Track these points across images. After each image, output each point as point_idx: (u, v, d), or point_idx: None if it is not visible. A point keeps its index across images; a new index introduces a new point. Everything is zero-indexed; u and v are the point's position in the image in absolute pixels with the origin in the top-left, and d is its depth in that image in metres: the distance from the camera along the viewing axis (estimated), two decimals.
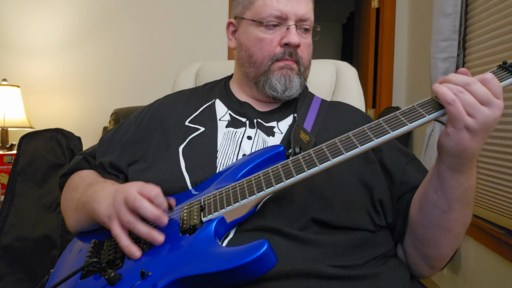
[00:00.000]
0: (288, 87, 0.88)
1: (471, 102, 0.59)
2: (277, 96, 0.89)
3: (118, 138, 0.93)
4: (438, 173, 0.68)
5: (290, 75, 0.87)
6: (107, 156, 0.90)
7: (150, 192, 0.66)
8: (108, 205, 0.69)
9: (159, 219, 0.65)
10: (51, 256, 1.59)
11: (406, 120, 0.62)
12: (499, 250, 1.52)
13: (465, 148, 0.61)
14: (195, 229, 0.65)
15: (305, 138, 0.81)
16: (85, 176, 0.88)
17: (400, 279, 0.71)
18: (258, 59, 0.88)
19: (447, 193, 0.68)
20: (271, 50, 0.87)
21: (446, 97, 0.60)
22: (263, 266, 0.56)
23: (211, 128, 0.87)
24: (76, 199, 0.81)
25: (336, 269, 0.64)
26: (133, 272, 0.63)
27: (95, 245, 0.73)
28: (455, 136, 0.61)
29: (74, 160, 0.94)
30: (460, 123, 0.60)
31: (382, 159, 0.83)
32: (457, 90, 0.60)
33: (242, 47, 0.92)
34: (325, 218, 0.71)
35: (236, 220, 0.67)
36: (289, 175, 0.65)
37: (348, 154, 0.63)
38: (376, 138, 0.62)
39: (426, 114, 0.62)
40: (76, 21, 2.43)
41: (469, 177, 0.67)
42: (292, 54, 0.87)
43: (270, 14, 0.85)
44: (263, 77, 0.88)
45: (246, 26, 0.90)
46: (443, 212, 0.70)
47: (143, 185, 0.67)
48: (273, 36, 0.87)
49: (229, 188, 0.70)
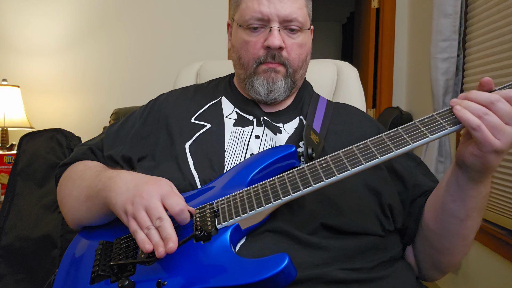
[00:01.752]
0: (272, 89, 0.86)
1: (497, 125, 0.57)
2: (261, 99, 0.88)
3: (125, 131, 0.91)
4: (457, 183, 0.67)
5: (273, 78, 0.85)
6: (117, 149, 0.88)
7: (175, 207, 0.63)
8: (126, 201, 0.66)
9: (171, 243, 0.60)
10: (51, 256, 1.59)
11: (427, 131, 0.60)
12: (500, 251, 1.52)
13: (490, 166, 0.61)
14: (209, 236, 0.63)
15: (315, 139, 0.80)
16: (91, 165, 0.84)
17: (407, 281, 0.72)
18: (245, 61, 0.87)
19: (466, 202, 0.67)
20: (255, 53, 0.85)
21: (470, 123, 0.58)
22: (284, 279, 0.56)
23: (218, 126, 0.86)
24: (86, 187, 0.77)
25: (345, 273, 0.64)
26: (148, 281, 0.61)
27: (103, 247, 0.70)
28: (482, 158, 0.60)
29: (77, 150, 0.91)
30: (488, 147, 0.58)
31: (392, 165, 0.82)
32: (481, 112, 0.58)
33: (234, 48, 0.91)
34: (335, 224, 0.70)
35: (251, 227, 0.66)
36: (307, 184, 0.63)
37: (368, 165, 0.61)
38: (397, 149, 0.60)
39: (447, 126, 0.60)
40: (76, 21, 2.43)
41: (487, 185, 0.67)
42: (274, 57, 0.84)
43: (251, 17, 0.84)
44: (249, 80, 0.88)
45: (236, 28, 0.89)
46: (460, 221, 0.69)
47: (168, 195, 0.65)
48: (256, 39, 0.85)
49: (243, 193, 0.68)
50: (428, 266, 0.79)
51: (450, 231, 0.72)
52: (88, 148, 0.90)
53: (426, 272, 0.80)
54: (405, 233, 0.80)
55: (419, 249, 0.80)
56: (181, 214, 0.63)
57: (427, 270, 0.80)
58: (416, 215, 0.79)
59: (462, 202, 0.68)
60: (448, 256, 0.76)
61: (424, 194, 0.81)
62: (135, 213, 0.64)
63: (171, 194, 0.65)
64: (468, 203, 0.67)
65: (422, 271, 0.81)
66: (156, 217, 0.62)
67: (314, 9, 0.93)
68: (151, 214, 0.63)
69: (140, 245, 0.61)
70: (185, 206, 0.64)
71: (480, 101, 0.59)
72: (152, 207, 0.63)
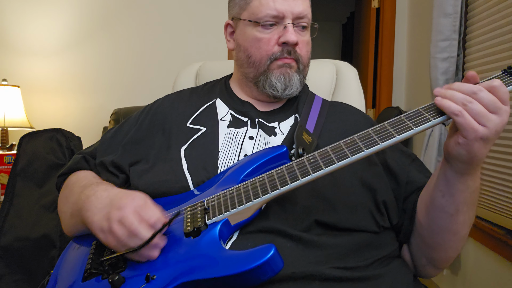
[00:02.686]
0: (288, 85, 0.87)
1: (481, 112, 0.59)
2: (277, 95, 0.88)
3: (119, 138, 0.92)
4: (445, 178, 0.67)
5: (289, 73, 0.87)
6: (108, 156, 0.89)
7: (150, 219, 0.64)
8: (101, 219, 0.67)
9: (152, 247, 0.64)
10: (50, 256, 1.59)
11: (411, 124, 0.62)
12: (499, 250, 1.52)
13: (476, 155, 0.61)
14: (199, 232, 0.65)
15: (307, 139, 0.81)
16: (81, 177, 0.87)
17: (404, 280, 0.72)
18: (257, 59, 0.88)
19: (454, 197, 0.68)
20: (269, 49, 0.86)
21: (451, 109, 0.60)
22: (270, 270, 0.56)
23: (212, 128, 0.87)
24: (71, 204, 0.80)
25: (339, 271, 0.64)
26: (138, 275, 0.62)
27: (97, 247, 0.72)
28: (467, 146, 0.60)
29: (73, 159, 0.93)
30: (472, 133, 0.59)
31: (386, 161, 0.83)
32: (465, 100, 0.60)
33: (241, 47, 0.91)
34: (329, 220, 0.70)
35: (241, 223, 0.67)
36: (295, 178, 0.64)
37: (354, 158, 0.62)
38: (382, 141, 0.62)
39: (431, 118, 0.62)
40: (76, 21, 2.43)
41: (476, 179, 0.67)
42: (290, 52, 0.86)
43: (266, 14, 0.85)
44: (263, 76, 0.88)
45: (244, 27, 0.89)
46: (451, 216, 0.70)
47: (142, 207, 0.66)
48: (270, 36, 0.86)
49: (233, 190, 0.69)
50: (423, 262, 0.79)
51: (441, 227, 0.72)
52: (82, 157, 0.92)
53: (422, 269, 0.81)
54: (400, 230, 0.80)
55: (413, 245, 0.80)
56: (157, 224, 0.64)
57: (423, 267, 0.80)
58: (410, 212, 0.79)
59: (450, 197, 0.68)
60: (441, 252, 0.76)
61: (418, 190, 0.81)
62: (111, 227, 0.65)
63: (146, 206, 0.66)
64: (457, 197, 0.68)
65: (418, 268, 0.81)
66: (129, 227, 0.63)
67: (314, 9, 0.95)
68: (124, 225, 0.64)
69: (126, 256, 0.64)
70: (160, 216, 0.65)
71: (463, 91, 0.61)
72: (125, 218, 0.64)
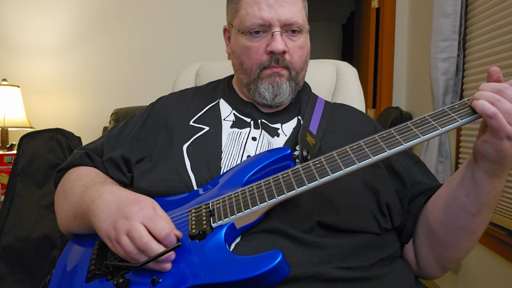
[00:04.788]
0: (277, 93, 0.86)
1: (510, 110, 0.58)
2: (267, 103, 0.88)
3: (126, 134, 0.91)
4: (472, 177, 0.67)
5: (278, 82, 0.85)
6: (117, 150, 0.88)
7: (160, 232, 0.62)
8: (108, 227, 0.66)
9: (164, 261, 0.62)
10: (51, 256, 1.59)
11: (418, 131, 0.62)
12: (500, 251, 1.52)
13: (505, 154, 0.61)
14: (205, 235, 0.64)
15: (311, 141, 0.80)
16: (83, 174, 0.85)
17: (406, 280, 0.71)
18: (248, 66, 0.87)
19: (479, 197, 0.67)
20: (258, 58, 0.85)
21: (485, 110, 0.58)
22: (277, 276, 0.56)
23: (216, 128, 0.87)
24: (73, 204, 0.78)
25: (342, 271, 0.64)
26: (143, 278, 0.62)
27: (100, 247, 0.72)
28: (496, 145, 0.60)
29: (73, 154, 0.91)
30: (502, 133, 0.58)
31: (390, 163, 0.83)
32: (494, 98, 0.59)
33: (235, 54, 0.91)
34: (331, 222, 0.70)
35: (246, 226, 0.67)
36: (301, 183, 0.64)
37: (361, 164, 0.62)
38: (389, 149, 0.62)
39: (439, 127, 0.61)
40: (76, 21, 2.43)
41: (502, 181, 0.67)
42: (278, 61, 0.84)
43: (252, 23, 0.83)
44: (253, 84, 0.87)
45: (235, 34, 0.89)
46: (471, 216, 0.69)
47: (151, 219, 0.64)
48: (259, 44, 0.84)
49: (239, 193, 0.69)
50: (430, 262, 0.79)
51: (459, 225, 0.71)
52: (84, 152, 0.90)
53: (427, 269, 0.80)
54: (403, 231, 0.80)
55: (422, 242, 0.79)
56: (167, 238, 0.62)
57: (429, 267, 0.79)
58: (414, 213, 0.79)
59: (475, 196, 0.67)
60: (452, 251, 0.75)
61: (424, 193, 0.81)
62: (118, 238, 0.63)
63: (155, 218, 0.64)
64: (482, 198, 0.67)
65: (423, 268, 0.80)
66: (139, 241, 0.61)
67: (314, 9, 0.94)
68: (133, 238, 0.62)
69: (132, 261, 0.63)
70: (171, 230, 0.63)
71: (490, 89, 0.60)
72: (133, 230, 0.62)
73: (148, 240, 0.61)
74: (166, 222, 0.64)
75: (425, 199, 0.80)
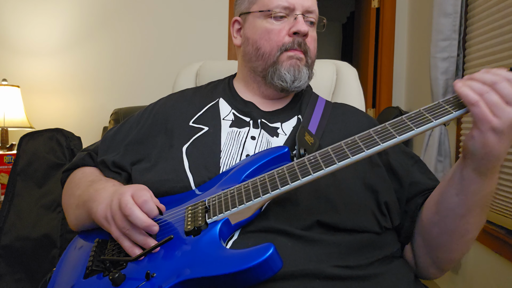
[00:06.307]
0: (297, 77, 0.87)
1: (496, 102, 0.57)
2: (286, 86, 0.88)
3: (121, 137, 0.92)
4: (461, 176, 0.66)
5: (299, 65, 0.88)
6: (109, 155, 0.90)
7: (139, 198, 0.66)
8: (105, 207, 0.70)
9: (148, 228, 0.65)
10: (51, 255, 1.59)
11: (412, 124, 0.62)
12: (499, 250, 1.52)
13: (491, 150, 0.59)
14: (200, 231, 0.65)
15: (309, 140, 0.81)
16: (88, 172, 0.88)
17: (405, 279, 0.71)
18: (266, 50, 0.88)
19: (468, 197, 0.67)
20: (280, 40, 0.87)
21: (468, 98, 0.58)
22: (269, 269, 0.56)
23: (215, 127, 0.87)
24: (77, 196, 0.82)
25: (340, 270, 0.64)
26: (138, 273, 0.63)
27: (99, 244, 0.73)
28: (481, 138, 0.59)
29: (77, 155, 0.94)
30: (486, 124, 0.58)
31: (389, 162, 0.83)
32: (483, 90, 0.58)
33: (249, 41, 0.92)
34: (330, 221, 0.70)
35: (241, 222, 0.67)
36: (295, 178, 0.64)
37: (354, 158, 0.62)
38: (383, 142, 0.62)
39: (433, 119, 0.61)
40: (76, 21, 2.43)
41: (492, 182, 0.66)
42: (300, 44, 0.87)
43: (277, 5, 0.86)
44: (272, 68, 0.88)
45: (253, 20, 0.90)
46: (461, 216, 0.69)
47: (136, 190, 0.68)
48: (281, 27, 0.87)
49: (234, 189, 0.69)
50: (427, 263, 0.79)
51: (450, 226, 0.71)
52: (87, 153, 0.93)
53: (424, 270, 0.80)
54: (401, 231, 0.80)
55: (418, 243, 0.79)
56: (144, 205, 0.66)
57: (426, 268, 0.79)
58: (412, 213, 0.79)
59: (465, 196, 0.67)
60: (446, 253, 0.75)
61: (422, 193, 0.80)
62: (113, 215, 0.68)
63: (140, 190, 0.68)
64: (471, 197, 0.66)
65: (421, 269, 0.80)
66: (124, 207, 0.65)
67: None
68: (121, 207, 0.66)
69: (128, 251, 0.66)
70: (149, 198, 0.67)
71: (484, 80, 0.60)
72: (122, 201, 0.66)
73: (131, 206, 0.65)
74: (149, 193, 0.68)
75: (422, 199, 0.79)
